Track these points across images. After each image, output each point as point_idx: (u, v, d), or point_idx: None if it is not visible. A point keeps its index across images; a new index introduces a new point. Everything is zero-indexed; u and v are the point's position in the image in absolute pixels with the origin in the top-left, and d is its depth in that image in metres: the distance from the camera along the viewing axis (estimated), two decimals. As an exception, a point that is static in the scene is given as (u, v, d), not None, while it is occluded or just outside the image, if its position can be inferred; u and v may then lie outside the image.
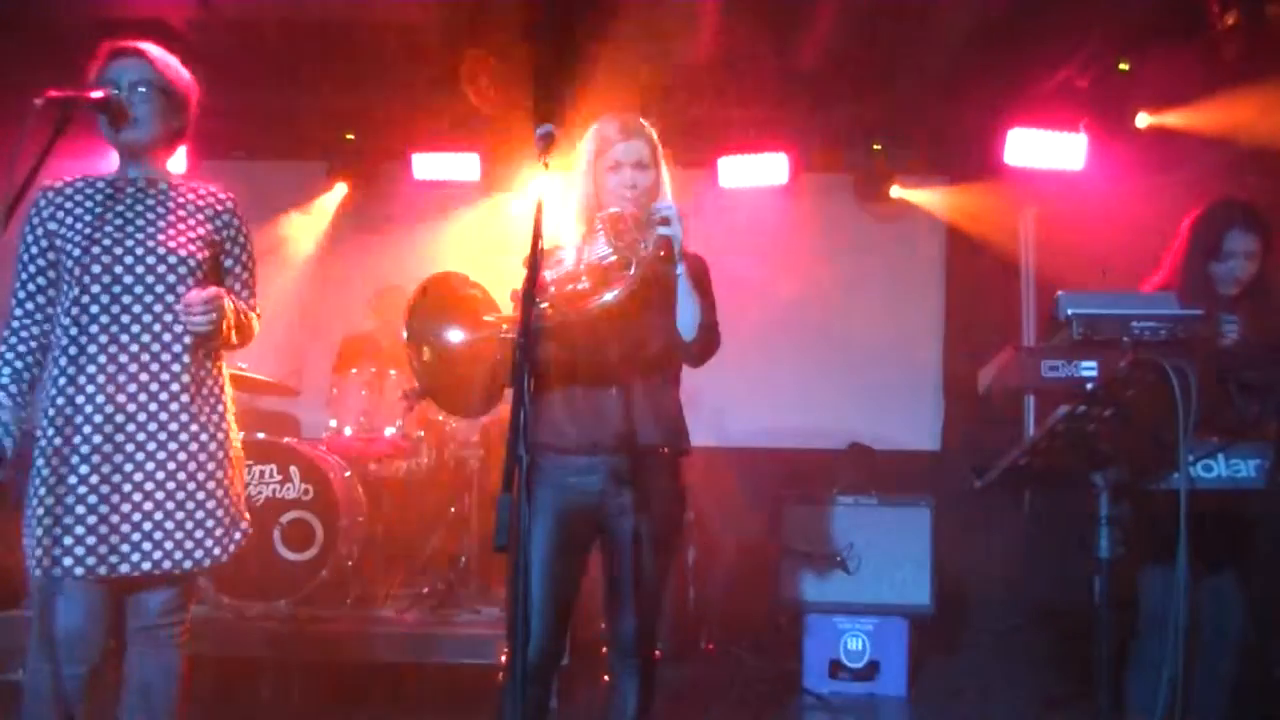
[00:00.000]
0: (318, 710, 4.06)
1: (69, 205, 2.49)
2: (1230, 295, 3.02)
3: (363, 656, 4.26)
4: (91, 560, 2.37)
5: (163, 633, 2.56)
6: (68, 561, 2.36)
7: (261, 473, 4.48)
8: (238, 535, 2.59)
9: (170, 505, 2.44)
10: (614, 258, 2.47)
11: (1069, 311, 2.44)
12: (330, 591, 4.55)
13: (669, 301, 2.56)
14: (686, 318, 2.56)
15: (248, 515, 2.64)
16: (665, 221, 2.47)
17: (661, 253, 2.47)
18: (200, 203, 2.58)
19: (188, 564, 2.47)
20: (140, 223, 2.50)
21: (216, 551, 2.52)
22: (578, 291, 2.48)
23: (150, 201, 2.54)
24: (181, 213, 2.54)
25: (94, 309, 2.42)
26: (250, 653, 4.20)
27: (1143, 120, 5.08)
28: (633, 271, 2.44)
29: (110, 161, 2.60)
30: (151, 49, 2.57)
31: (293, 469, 4.49)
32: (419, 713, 4.13)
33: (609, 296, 2.43)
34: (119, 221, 2.48)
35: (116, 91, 2.47)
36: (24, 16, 4.67)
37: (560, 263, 2.58)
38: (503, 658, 3.92)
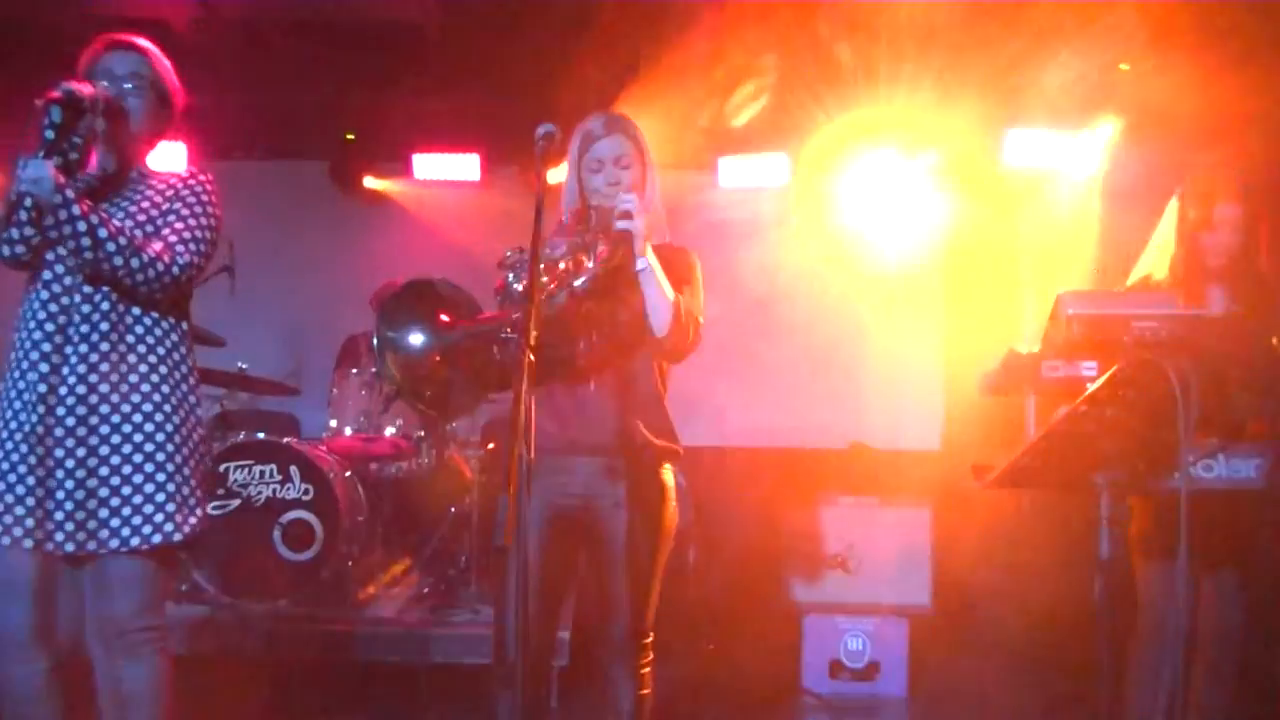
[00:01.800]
0: (318, 710, 4.06)
1: None
2: (1219, 265, 3.04)
3: (363, 656, 4.26)
4: (19, 531, 2.35)
5: (132, 637, 2.44)
6: (17, 532, 2.35)
7: (261, 473, 4.48)
8: (191, 519, 2.47)
9: (92, 482, 2.38)
10: (568, 255, 2.47)
11: (1069, 311, 2.44)
12: (330, 591, 4.55)
13: (634, 294, 2.55)
14: (656, 313, 2.54)
15: (200, 508, 2.51)
16: (625, 215, 2.46)
17: (619, 246, 2.46)
18: (170, 191, 2.54)
19: (114, 543, 2.38)
20: (127, 207, 2.50)
21: (146, 530, 2.40)
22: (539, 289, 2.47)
23: (133, 194, 2.53)
24: (158, 200, 2.52)
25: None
26: (250, 653, 4.20)
27: (1138, 120, 5.09)
28: (589, 265, 2.44)
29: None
30: (148, 45, 2.58)
31: (293, 469, 4.49)
32: (419, 713, 4.13)
33: (562, 295, 2.43)
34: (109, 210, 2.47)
35: (109, 85, 2.46)
36: (24, 16, 4.67)
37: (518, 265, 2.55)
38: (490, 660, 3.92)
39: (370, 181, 6.08)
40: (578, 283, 2.43)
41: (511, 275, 2.49)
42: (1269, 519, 2.92)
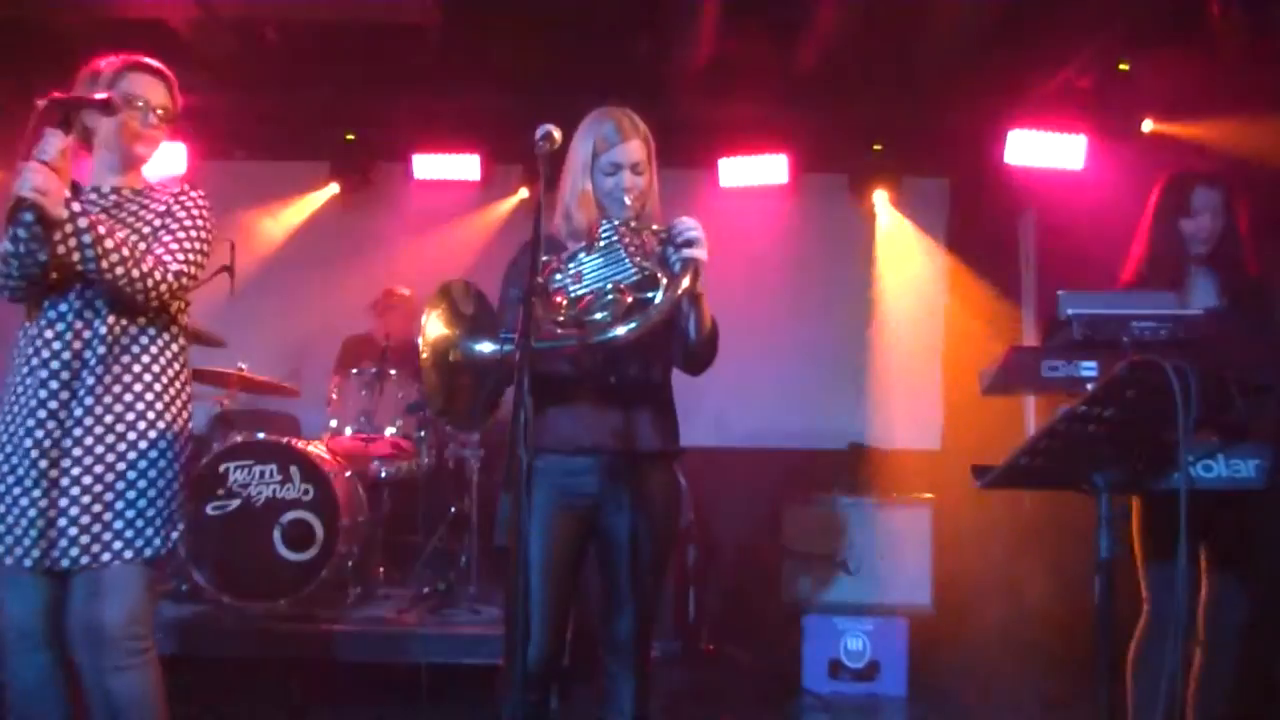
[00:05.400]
0: (318, 710, 4.05)
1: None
2: (1202, 254, 3.04)
3: (363, 656, 4.27)
4: (19, 551, 2.36)
5: (121, 646, 2.43)
6: (18, 552, 2.37)
7: (261, 473, 4.48)
8: (174, 534, 2.50)
9: (110, 496, 2.40)
10: (637, 278, 2.36)
11: (1069, 311, 2.45)
12: (330, 591, 4.55)
13: (679, 318, 2.55)
14: (700, 336, 2.56)
15: (179, 526, 2.53)
16: (690, 244, 2.39)
17: (687, 279, 2.36)
18: (162, 208, 2.56)
19: (105, 556, 2.39)
20: (125, 221, 2.52)
21: (140, 544, 2.42)
22: (597, 321, 2.35)
23: (131, 207, 2.56)
24: (151, 217, 2.55)
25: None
26: (250, 653, 4.21)
27: (1143, 120, 5.09)
28: (659, 298, 2.33)
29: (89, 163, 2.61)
30: (168, 72, 2.61)
31: (293, 469, 4.49)
32: (419, 713, 4.13)
33: (632, 326, 2.31)
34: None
35: (148, 119, 2.52)
36: (24, 16, 4.67)
37: (578, 275, 2.43)
38: (500, 660, 3.92)
39: (371, 181, 6.08)
40: (650, 315, 2.30)
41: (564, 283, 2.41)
42: (1269, 519, 2.92)
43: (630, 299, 2.35)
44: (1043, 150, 5.37)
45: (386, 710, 4.12)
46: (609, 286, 2.36)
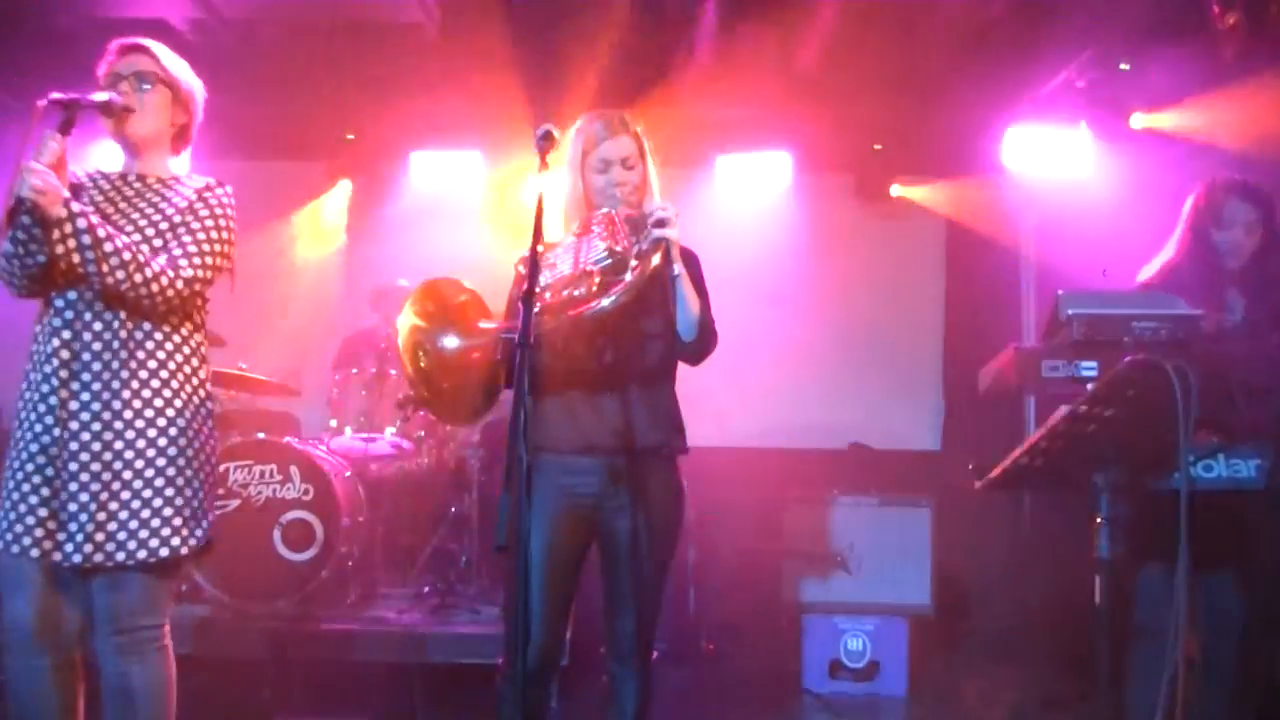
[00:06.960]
0: (318, 710, 4.05)
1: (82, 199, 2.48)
2: (1235, 268, 3.02)
3: (363, 656, 4.26)
4: (27, 540, 2.36)
5: (137, 635, 2.46)
6: (26, 542, 2.37)
7: (261, 473, 4.48)
8: (199, 531, 2.51)
9: (105, 496, 2.39)
10: (609, 261, 2.41)
11: (1069, 311, 2.44)
12: (330, 591, 4.55)
13: (667, 304, 2.55)
14: (686, 320, 2.54)
15: (206, 518, 2.54)
16: (661, 224, 2.41)
17: (658, 256, 2.40)
18: (185, 204, 2.54)
19: (120, 555, 2.39)
20: (136, 217, 2.50)
21: (155, 544, 2.42)
22: (573, 298, 2.40)
23: (152, 197, 2.54)
24: (171, 213, 2.52)
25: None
26: (250, 653, 4.20)
27: (1143, 121, 5.09)
28: (629, 277, 2.37)
29: (114, 161, 2.61)
30: (157, 46, 2.58)
31: (293, 469, 4.49)
32: (419, 713, 4.13)
33: (605, 303, 2.35)
34: (118, 219, 2.48)
35: (120, 86, 2.48)
36: (24, 16, 4.67)
37: (554, 265, 2.52)
38: (499, 660, 3.92)
39: (371, 181, 6.08)
40: (618, 294, 2.35)
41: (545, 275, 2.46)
42: (1269, 519, 2.92)
43: (599, 279, 2.40)
44: (1043, 150, 5.37)
45: (386, 710, 4.11)
46: (580, 270, 2.42)
